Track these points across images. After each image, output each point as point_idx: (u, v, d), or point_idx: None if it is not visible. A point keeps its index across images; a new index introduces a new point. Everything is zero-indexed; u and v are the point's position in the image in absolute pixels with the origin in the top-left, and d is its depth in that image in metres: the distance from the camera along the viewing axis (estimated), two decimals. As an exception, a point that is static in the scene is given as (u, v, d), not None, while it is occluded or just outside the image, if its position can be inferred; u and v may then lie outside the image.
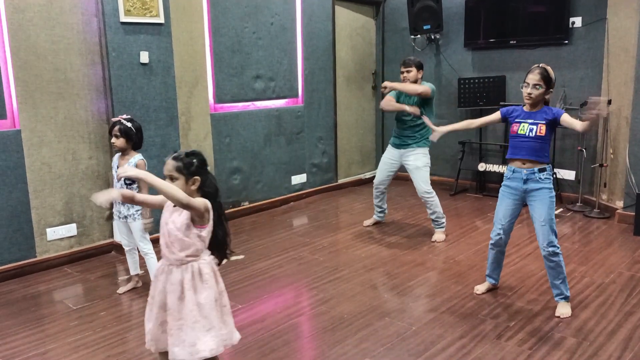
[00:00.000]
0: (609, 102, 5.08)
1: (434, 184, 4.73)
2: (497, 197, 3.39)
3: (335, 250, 4.44)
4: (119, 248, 4.42)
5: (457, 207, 5.59)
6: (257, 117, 5.49)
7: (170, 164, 2.20)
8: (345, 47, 6.61)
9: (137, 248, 3.64)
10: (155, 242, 4.49)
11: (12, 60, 3.82)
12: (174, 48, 4.55)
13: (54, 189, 4.10)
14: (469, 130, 3.33)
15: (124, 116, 3.51)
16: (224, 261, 2.38)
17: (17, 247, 3.95)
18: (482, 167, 6.03)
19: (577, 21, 5.46)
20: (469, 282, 3.70)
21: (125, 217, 3.50)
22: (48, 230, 4.11)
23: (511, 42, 5.87)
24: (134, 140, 3.48)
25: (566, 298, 3.21)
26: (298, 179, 6.05)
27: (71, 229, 4.22)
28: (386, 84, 4.51)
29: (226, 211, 5.53)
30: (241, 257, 4.23)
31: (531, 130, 3.10)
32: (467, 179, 6.33)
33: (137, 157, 3.49)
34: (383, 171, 4.76)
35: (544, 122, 3.08)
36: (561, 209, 5.50)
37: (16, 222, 3.93)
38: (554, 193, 3.15)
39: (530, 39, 5.75)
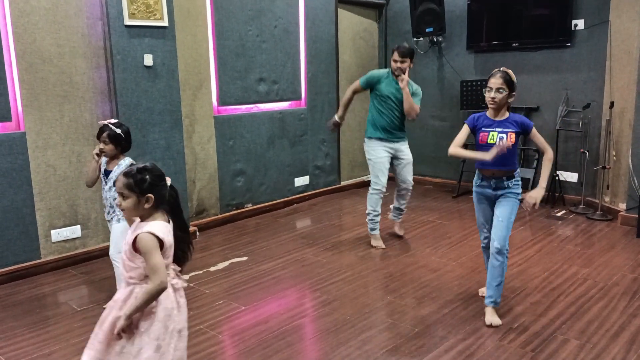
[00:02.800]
0: (612, 104, 5.08)
1: (436, 185, 4.74)
2: None
3: (338, 252, 4.45)
4: (123, 250, 4.44)
5: (459, 209, 5.59)
6: (261, 120, 5.51)
7: (120, 181, 1.99)
8: (348, 50, 6.63)
9: None
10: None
11: (18, 63, 3.85)
12: (178, 51, 4.58)
13: (59, 191, 4.13)
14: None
15: (112, 120, 3.35)
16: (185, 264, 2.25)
17: (21, 248, 3.98)
18: (485, 169, 6.03)
19: (580, 24, 5.46)
20: (471, 284, 3.71)
21: (111, 218, 3.34)
22: (52, 232, 4.13)
23: (514, 44, 5.88)
24: (123, 145, 3.33)
25: (496, 303, 3.17)
26: (301, 181, 6.07)
27: (75, 231, 4.24)
28: (404, 77, 4.30)
29: (229, 213, 5.61)
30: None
31: (501, 139, 3.05)
32: (469, 181, 6.31)
33: (126, 161, 3.33)
34: (386, 171, 4.50)
35: (513, 130, 3.06)
36: (564, 211, 5.50)
37: (21, 224, 3.95)
38: (519, 199, 3.15)
39: (533, 41, 5.76)
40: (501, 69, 3.09)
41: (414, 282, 3.78)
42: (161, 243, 2.00)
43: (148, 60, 4.33)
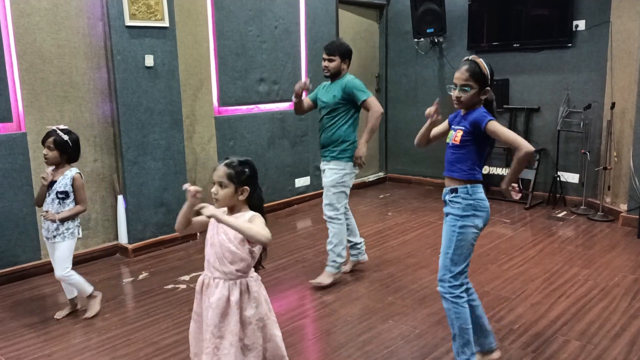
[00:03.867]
0: (613, 105, 5.08)
1: (437, 186, 4.73)
2: (501, 200, 3.31)
3: (338, 253, 4.44)
4: (123, 250, 4.45)
5: (460, 210, 5.57)
6: (261, 120, 5.51)
7: (221, 170, 2.10)
8: (349, 50, 6.62)
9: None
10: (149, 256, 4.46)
11: (18, 63, 3.84)
12: (178, 51, 4.57)
13: (59, 192, 4.12)
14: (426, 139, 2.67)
15: (61, 126, 3.14)
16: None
17: (22, 249, 3.97)
18: (485, 170, 6.03)
19: (581, 24, 5.46)
20: (473, 285, 3.70)
21: (54, 236, 3.13)
22: (53, 232, 4.12)
23: (514, 45, 5.88)
24: (69, 154, 3.12)
25: None
26: (302, 181, 6.06)
27: (76, 232, 4.24)
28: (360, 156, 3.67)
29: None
30: None
31: (451, 137, 2.51)
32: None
33: (73, 170, 3.16)
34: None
35: (462, 128, 2.45)
36: (565, 212, 5.49)
37: (22, 225, 3.95)
38: (463, 223, 2.46)
39: (534, 42, 5.75)
40: (470, 57, 2.48)
41: (415, 283, 3.77)
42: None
43: (149, 60, 4.33)
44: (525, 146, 2.33)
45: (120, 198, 4.42)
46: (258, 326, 2.15)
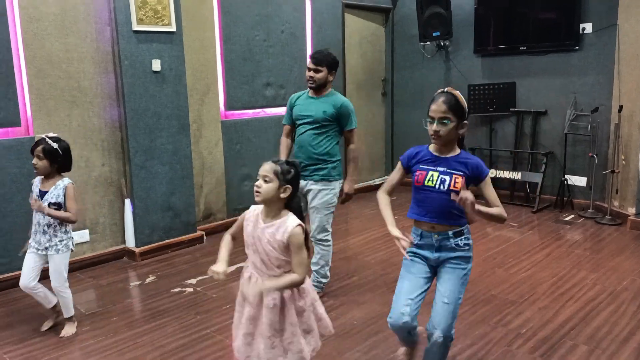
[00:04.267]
0: (620, 108, 5.06)
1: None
2: (507, 203, 3.26)
3: (345, 256, 4.44)
4: (130, 254, 4.46)
5: (467, 213, 5.56)
6: (268, 124, 5.52)
7: (268, 165, 2.16)
8: (355, 54, 6.64)
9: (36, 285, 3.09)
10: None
11: (27, 68, 3.88)
12: (185, 56, 4.60)
13: (67, 196, 4.14)
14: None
15: (50, 134, 3.02)
16: None
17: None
18: (492, 173, 6.01)
19: (588, 27, 5.44)
20: (479, 289, 3.69)
21: (46, 248, 3.04)
22: (61, 236, 4.14)
23: (521, 48, 5.86)
24: (60, 163, 3.00)
25: None
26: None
27: (84, 235, 4.26)
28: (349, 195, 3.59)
29: (237, 217, 5.58)
30: None
31: (443, 182, 2.27)
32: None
33: (65, 181, 3.04)
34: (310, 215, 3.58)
35: (461, 173, 2.26)
36: (572, 216, 5.46)
37: (30, 228, 3.97)
38: (470, 266, 2.40)
39: (541, 45, 5.74)
40: (446, 89, 2.33)
41: (422, 287, 3.76)
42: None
43: (156, 65, 4.36)
44: (505, 213, 2.31)
45: (127, 202, 4.44)
46: (310, 310, 2.25)
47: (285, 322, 2.18)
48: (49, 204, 2.99)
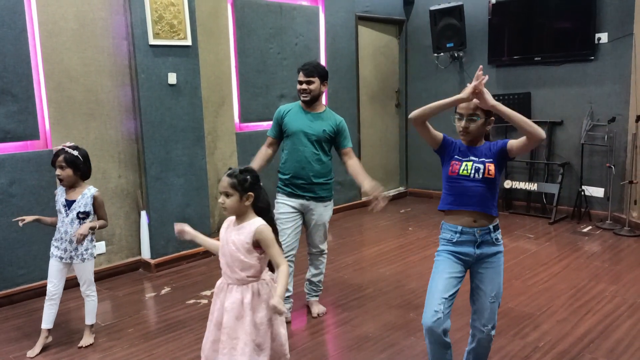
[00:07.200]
0: (638, 118, 5.00)
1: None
2: (523, 214, 3.28)
3: (359, 268, 4.42)
4: (146, 265, 4.49)
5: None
6: (282, 136, 5.54)
7: (225, 181, 2.25)
8: (369, 66, 6.66)
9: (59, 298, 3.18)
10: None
11: (46, 82, 3.95)
12: (200, 69, 4.65)
13: (84, 208, 4.19)
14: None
15: (68, 144, 3.06)
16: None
17: (47, 264, 4.02)
18: (507, 184, 5.97)
19: (603, 37, 5.41)
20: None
21: (71, 257, 3.10)
22: (78, 247, 4.18)
23: (536, 58, 5.84)
24: (82, 169, 3.04)
25: None
26: (322, 196, 6.06)
27: (100, 247, 4.30)
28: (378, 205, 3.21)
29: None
30: None
31: (477, 170, 2.32)
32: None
33: (91, 190, 3.08)
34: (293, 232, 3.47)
35: (491, 160, 2.34)
36: (590, 227, 5.39)
37: (47, 240, 4.00)
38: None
39: (556, 55, 5.71)
40: None
41: (437, 299, 3.73)
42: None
43: (172, 78, 4.41)
44: (540, 130, 2.34)
45: (143, 214, 4.47)
46: (268, 326, 2.25)
47: (241, 330, 2.20)
48: (78, 213, 3.06)
